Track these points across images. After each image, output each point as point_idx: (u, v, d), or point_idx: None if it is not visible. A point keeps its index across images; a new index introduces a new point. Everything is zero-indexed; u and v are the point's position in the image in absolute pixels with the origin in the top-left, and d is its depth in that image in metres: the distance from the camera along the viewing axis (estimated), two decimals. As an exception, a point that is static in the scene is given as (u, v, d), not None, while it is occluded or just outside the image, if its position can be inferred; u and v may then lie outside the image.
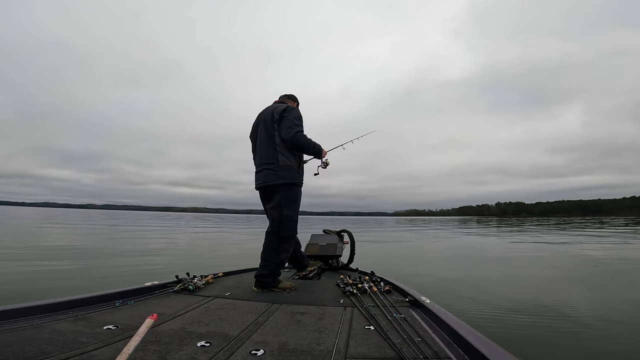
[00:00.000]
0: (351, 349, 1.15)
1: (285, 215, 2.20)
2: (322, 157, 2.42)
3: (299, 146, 2.25)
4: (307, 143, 2.24)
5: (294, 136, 2.19)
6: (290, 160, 2.24)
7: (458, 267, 6.27)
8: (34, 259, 5.84)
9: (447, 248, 10.22)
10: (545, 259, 7.22)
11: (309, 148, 2.27)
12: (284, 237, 2.21)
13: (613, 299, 3.66)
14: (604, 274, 5.35)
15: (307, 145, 2.25)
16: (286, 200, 2.23)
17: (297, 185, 2.29)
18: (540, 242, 11.55)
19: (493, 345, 1.04)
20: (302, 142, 2.22)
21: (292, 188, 2.25)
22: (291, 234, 2.25)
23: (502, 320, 2.87)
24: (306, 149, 2.27)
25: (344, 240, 3.39)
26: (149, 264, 5.92)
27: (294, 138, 2.19)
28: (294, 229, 2.26)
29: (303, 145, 2.24)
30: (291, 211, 2.23)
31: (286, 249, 2.25)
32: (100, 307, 1.60)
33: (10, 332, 1.20)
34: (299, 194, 2.30)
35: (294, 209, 2.25)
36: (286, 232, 2.21)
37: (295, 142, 2.21)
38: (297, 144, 2.22)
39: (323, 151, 2.40)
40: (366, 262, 3.33)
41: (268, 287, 2.12)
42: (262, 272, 2.14)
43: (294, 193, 2.26)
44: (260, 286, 2.12)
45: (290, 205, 2.23)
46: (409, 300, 1.78)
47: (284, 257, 2.24)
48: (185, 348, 1.14)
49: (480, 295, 3.78)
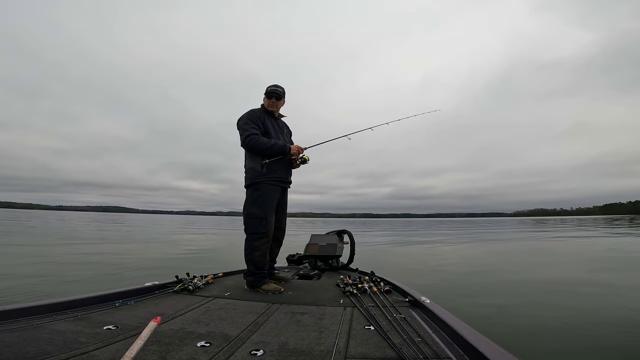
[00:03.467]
0: (351, 349, 1.15)
1: (247, 213, 2.31)
2: (293, 154, 2.41)
3: (252, 150, 2.32)
4: (258, 146, 2.27)
5: (243, 143, 2.31)
6: (252, 162, 2.35)
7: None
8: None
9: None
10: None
11: (264, 149, 2.29)
12: (252, 234, 2.28)
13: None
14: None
15: (260, 148, 2.28)
16: (248, 199, 2.35)
17: (258, 184, 2.33)
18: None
19: (493, 345, 1.04)
20: (253, 146, 2.27)
21: (253, 187, 2.34)
22: (257, 231, 2.26)
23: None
24: (262, 151, 2.30)
25: (343, 241, 3.39)
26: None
27: (244, 145, 2.31)
28: (259, 225, 2.27)
29: (256, 149, 2.29)
30: (251, 209, 2.30)
31: (257, 247, 2.25)
32: (100, 307, 1.60)
33: (11, 332, 1.20)
34: (260, 192, 2.32)
35: (255, 206, 2.30)
36: (251, 230, 2.28)
37: (247, 148, 2.33)
38: (249, 149, 2.32)
39: (293, 147, 2.41)
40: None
41: (252, 287, 2.19)
42: (245, 272, 2.26)
43: (256, 192, 2.32)
44: (249, 286, 2.21)
45: (251, 204, 2.31)
46: (409, 300, 1.78)
47: (257, 255, 2.24)
48: (185, 348, 1.14)
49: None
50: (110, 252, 7.88)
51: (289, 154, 2.38)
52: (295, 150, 2.41)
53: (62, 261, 6.14)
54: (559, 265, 6.24)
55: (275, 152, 2.32)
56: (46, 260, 6.11)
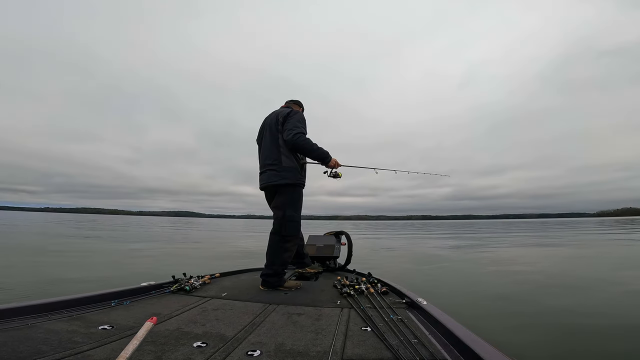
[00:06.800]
0: (348, 350, 1.15)
1: (287, 215, 2.25)
2: (329, 165, 2.41)
3: (299, 148, 2.27)
4: (307, 145, 2.26)
5: (294, 137, 2.23)
6: (292, 161, 2.29)
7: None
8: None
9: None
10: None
11: (310, 150, 2.28)
12: (286, 236, 2.25)
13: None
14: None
15: (307, 148, 2.27)
16: (289, 200, 2.28)
17: (299, 186, 2.32)
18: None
19: (489, 347, 1.04)
20: (302, 144, 2.24)
21: (294, 189, 2.30)
22: (293, 234, 2.29)
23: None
24: (307, 151, 2.29)
25: (341, 242, 3.39)
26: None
27: (294, 139, 2.23)
28: (296, 228, 2.30)
29: (303, 147, 2.26)
30: (293, 211, 2.27)
31: (289, 248, 2.28)
32: (96, 307, 1.59)
33: (5, 332, 1.19)
34: (301, 194, 2.33)
35: (296, 209, 2.29)
36: (288, 232, 2.25)
37: (295, 144, 2.24)
38: (296, 145, 2.25)
39: (333, 160, 2.40)
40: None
41: (273, 286, 2.16)
42: (267, 271, 2.19)
43: (297, 194, 2.30)
44: (266, 285, 2.17)
45: (292, 206, 2.28)
46: (405, 301, 1.79)
47: (287, 256, 2.27)
48: (181, 348, 1.14)
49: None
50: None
51: (328, 163, 2.38)
52: (333, 163, 2.41)
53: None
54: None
55: (317, 157, 2.32)
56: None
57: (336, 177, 2.57)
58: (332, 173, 2.54)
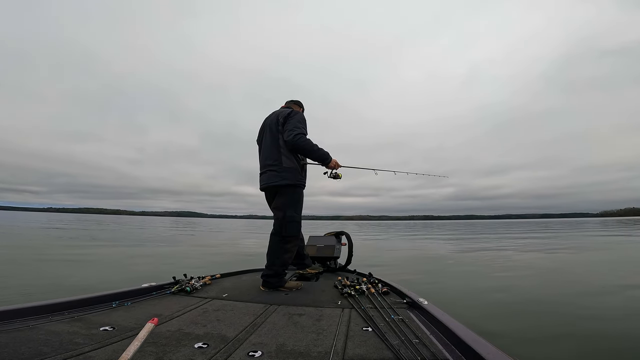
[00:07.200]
0: (349, 351, 1.15)
1: (288, 216, 2.25)
2: (330, 166, 2.41)
3: (300, 148, 2.27)
4: (308, 146, 2.26)
5: (294, 138, 2.22)
6: (293, 162, 2.29)
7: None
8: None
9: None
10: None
11: (310, 151, 2.28)
12: (287, 237, 2.25)
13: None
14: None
15: (308, 148, 2.26)
16: (289, 201, 2.28)
17: (299, 187, 2.32)
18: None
19: (491, 347, 1.04)
20: (303, 145, 2.24)
21: (295, 189, 2.30)
22: (294, 235, 2.28)
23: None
24: (307, 151, 2.29)
25: (341, 242, 3.39)
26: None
27: (294, 140, 2.23)
28: (297, 229, 2.30)
29: (304, 148, 2.26)
30: (294, 212, 2.27)
31: (289, 249, 2.28)
32: (97, 308, 1.59)
33: (6, 333, 1.19)
34: (301, 195, 2.33)
35: (297, 209, 2.29)
36: (289, 233, 2.25)
37: (295, 144, 2.24)
38: (297, 146, 2.25)
39: (333, 160, 2.39)
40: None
41: (274, 287, 2.16)
42: (268, 272, 2.19)
43: (297, 194, 2.30)
44: (267, 286, 2.17)
45: (293, 206, 2.28)
46: (406, 301, 1.78)
47: (288, 257, 2.27)
48: (182, 349, 1.14)
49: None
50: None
51: (328, 164, 2.38)
52: (333, 164, 2.41)
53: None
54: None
55: (317, 158, 2.32)
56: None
57: (336, 177, 2.57)
58: (332, 174, 2.54)
